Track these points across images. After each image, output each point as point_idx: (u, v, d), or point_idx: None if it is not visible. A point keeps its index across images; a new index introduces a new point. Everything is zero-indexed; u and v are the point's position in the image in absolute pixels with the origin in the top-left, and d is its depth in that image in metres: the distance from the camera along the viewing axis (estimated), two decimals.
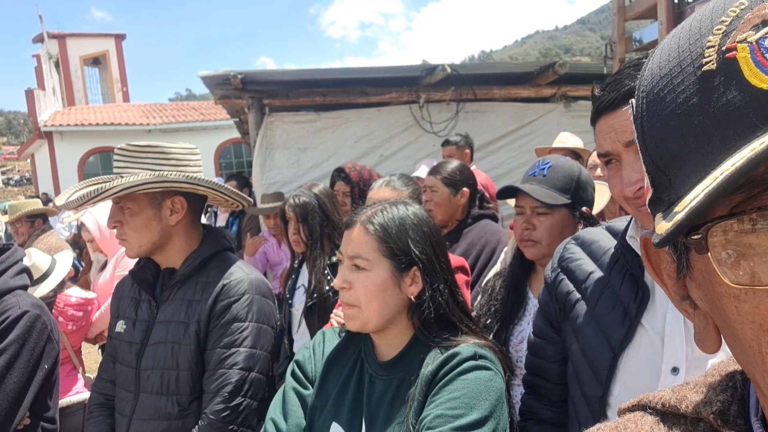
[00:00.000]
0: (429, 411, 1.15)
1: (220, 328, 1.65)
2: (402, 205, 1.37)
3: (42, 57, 20.85)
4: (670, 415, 0.52)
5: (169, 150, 1.75)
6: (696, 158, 0.40)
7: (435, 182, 2.60)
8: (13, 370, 1.78)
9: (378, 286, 1.27)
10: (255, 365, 1.65)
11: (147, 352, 1.71)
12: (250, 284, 1.71)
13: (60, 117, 18.16)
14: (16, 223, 4.84)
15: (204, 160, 7.26)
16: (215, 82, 5.16)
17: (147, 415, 1.68)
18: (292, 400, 1.34)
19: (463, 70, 5.44)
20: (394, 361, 1.30)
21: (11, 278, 1.91)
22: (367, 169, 3.22)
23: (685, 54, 0.42)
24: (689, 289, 0.47)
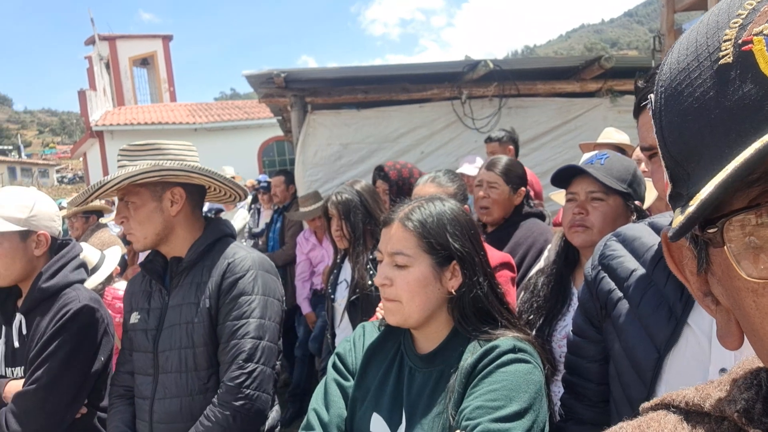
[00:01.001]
0: (468, 402, 1.16)
1: (229, 303, 1.75)
2: (438, 201, 1.39)
3: (93, 59, 21.52)
4: (693, 413, 0.51)
5: (166, 146, 1.86)
6: (713, 152, 0.40)
7: (496, 178, 2.55)
8: (72, 361, 1.87)
9: (419, 281, 1.29)
10: (265, 334, 1.75)
11: (163, 336, 1.81)
12: (253, 261, 1.82)
13: (110, 117, 18.72)
14: (72, 219, 5.03)
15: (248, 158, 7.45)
16: (259, 81, 5.24)
17: (169, 393, 1.78)
18: (334, 392, 1.38)
19: (506, 65, 5.38)
20: (433, 354, 1.32)
21: (71, 272, 2.00)
22: (408, 167, 3.22)
23: (702, 48, 0.42)
24: (711, 285, 0.47)
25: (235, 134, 17.72)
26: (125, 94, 23.62)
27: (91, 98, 18.84)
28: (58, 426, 1.84)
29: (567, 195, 1.81)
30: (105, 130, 17.73)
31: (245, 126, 18.08)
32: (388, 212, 1.41)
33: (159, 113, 19.19)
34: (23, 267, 1.93)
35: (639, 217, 1.69)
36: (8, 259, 1.90)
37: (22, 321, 1.94)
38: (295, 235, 5.08)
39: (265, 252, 5.32)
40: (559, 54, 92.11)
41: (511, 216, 2.60)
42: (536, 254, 2.41)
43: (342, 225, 2.64)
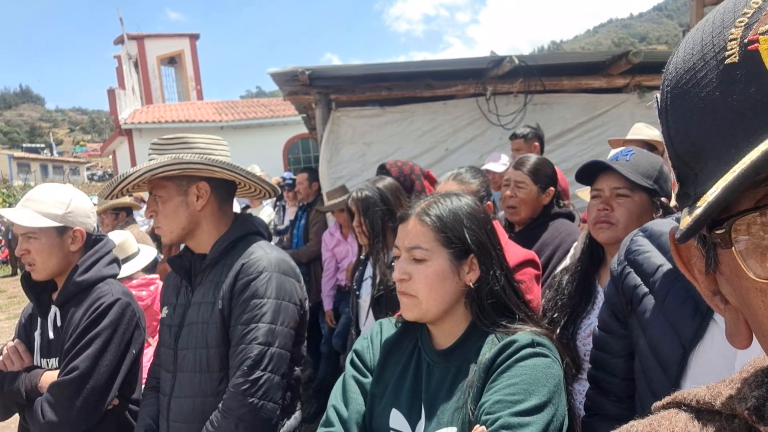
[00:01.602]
0: (488, 397, 1.17)
1: (241, 305, 1.70)
2: (454, 196, 1.40)
3: (122, 58, 21.86)
4: (704, 411, 0.51)
5: (194, 140, 1.85)
6: (720, 152, 0.40)
7: (523, 178, 2.52)
8: (106, 353, 1.92)
9: (438, 275, 1.30)
10: (275, 340, 1.69)
11: (183, 333, 1.80)
12: (269, 262, 1.75)
13: (139, 115, 19.02)
14: (103, 215, 5.14)
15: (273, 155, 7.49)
16: (283, 78, 5.28)
17: (184, 393, 1.77)
18: (353, 388, 1.39)
19: (531, 61, 5.34)
20: (451, 349, 1.33)
21: (104, 267, 2.06)
22: (409, 164, 3.23)
23: (708, 47, 0.42)
24: (719, 284, 0.47)
25: (261, 132, 17.88)
26: (153, 93, 23.96)
27: (120, 97, 19.15)
28: (92, 416, 1.89)
29: (592, 192, 1.79)
30: (134, 128, 18.01)
31: (270, 124, 18.23)
32: (403, 208, 1.43)
33: (186, 111, 19.45)
34: (59, 262, 1.99)
35: (665, 213, 1.67)
36: (45, 254, 1.96)
37: (57, 313, 2.00)
38: (319, 232, 5.12)
39: (289, 249, 5.37)
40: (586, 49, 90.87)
41: (539, 216, 2.56)
42: (563, 255, 2.38)
43: (361, 221, 2.65)
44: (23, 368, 1.99)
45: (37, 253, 1.95)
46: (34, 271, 1.99)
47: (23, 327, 2.12)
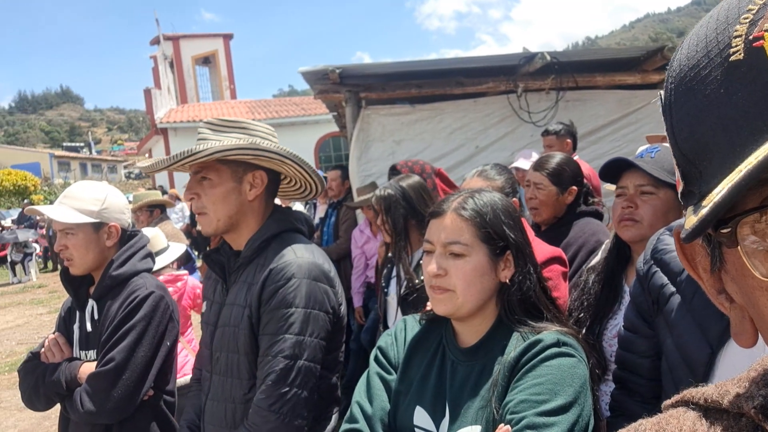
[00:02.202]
0: (513, 396, 1.16)
1: (269, 314, 1.61)
2: (486, 192, 1.39)
3: (158, 58, 22.31)
4: (712, 410, 0.50)
5: (254, 126, 1.76)
6: (725, 150, 0.39)
7: (541, 179, 2.49)
8: (140, 345, 1.96)
9: (476, 270, 1.29)
10: (303, 353, 1.58)
11: (217, 334, 1.74)
12: (299, 268, 1.62)
13: (174, 114, 19.40)
14: (138, 212, 5.27)
15: (304, 153, 7.56)
16: (314, 77, 5.33)
17: (217, 396, 1.71)
18: (377, 385, 1.39)
19: (564, 57, 5.27)
20: (475, 347, 1.32)
21: (139, 261, 2.11)
22: (420, 163, 3.23)
23: (712, 44, 0.41)
24: (725, 283, 0.46)
25: (293, 130, 18.06)
26: (188, 92, 24.38)
27: (156, 96, 19.55)
28: (128, 405, 1.94)
29: (617, 189, 1.77)
30: (169, 127, 18.38)
31: (302, 122, 18.41)
32: (435, 205, 1.41)
33: (220, 110, 19.75)
34: (96, 256, 2.05)
35: None
36: (82, 249, 2.02)
37: (94, 307, 2.07)
38: (349, 230, 5.15)
39: (319, 246, 5.41)
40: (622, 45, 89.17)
41: (564, 215, 2.53)
42: (587, 255, 2.34)
43: (384, 220, 2.65)
44: (63, 360, 2.05)
45: (75, 248, 2.02)
46: (72, 266, 2.05)
47: (63, 320, 2.19)
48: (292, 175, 1.82)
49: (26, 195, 28.81)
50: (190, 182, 1.72)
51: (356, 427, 1.35)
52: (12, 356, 7.68)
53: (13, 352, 7.89)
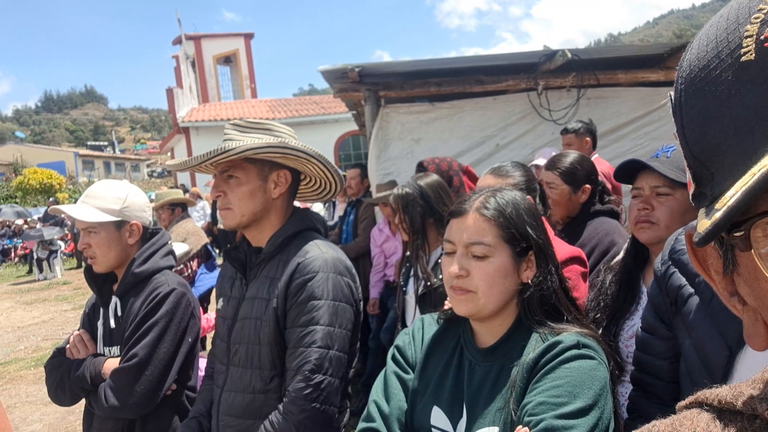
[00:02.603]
0: (531, 398, 1.14)
1: (297, 307, 1.66)
2: (506, 190, 1.37)
3: (180, 58, 22.53)
4: (726, 412, 0.50)
5: (277, 128, 1.82)
6: (737, 152, 0.39)
7: (553, 178, 2.47)
8: (163, 341, 1.99)
9: (500, 271, 1.27)
10: (334, 343, 1.64)
11: (236, 327, 1.78)
12: (324, 262, 1.69)
13: (196, 113, 19.60)
14: (159, 210, 5.34)
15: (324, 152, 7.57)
16: (333, 76, 5.33)
17: (235, 387, 1.75)
18: (394, 384, 1.38)
19: (585, 54, 5.22)
20: (493, 347, 1.31)
21: (160, 259, 2.14)
22: (447, 160, 3.20)
23: (723, 44, 0.41)
24: (737, 285, 0.46)
25: (312, 129, 18.15)
26: (209, 92, 24.60)
27: (178, 96, 19.76)
28: (151, 400, 1.97)
29: (632, 191, 1.74)
30: (191, 126, 18.57)
31: (322, 121, 18.48)
32: (455, 203, 1.39)
33: (240, 109, 19.91)
34: (118, 254, 2.09)
35: None
36: (105, 247, 2.06)
37: (117, 303, 2.10)
38: (368, 228, 5.16)
39: (338, 244, 5.44)
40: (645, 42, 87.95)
41: (578, 215, 2.51)
42: (600, 255, 2.31)
43: (402, 218, 2.65)
44: (88, 356, 2.09)
45: (98, 246, 2.05)
46: (95, 264, 2.09)
47: (87, 317, 2.23)
48: (314, 174, 1.86)
49: (51, 193, 29.34)
50: (217, 180, 1.78)
51: (373, 426, 1.34)
52: (37, 351, 7.83)
53: (39, 348, 8.04)
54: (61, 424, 5.28)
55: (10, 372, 7.12)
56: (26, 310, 11.12)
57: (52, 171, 33.31)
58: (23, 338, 8.84)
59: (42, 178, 31.34)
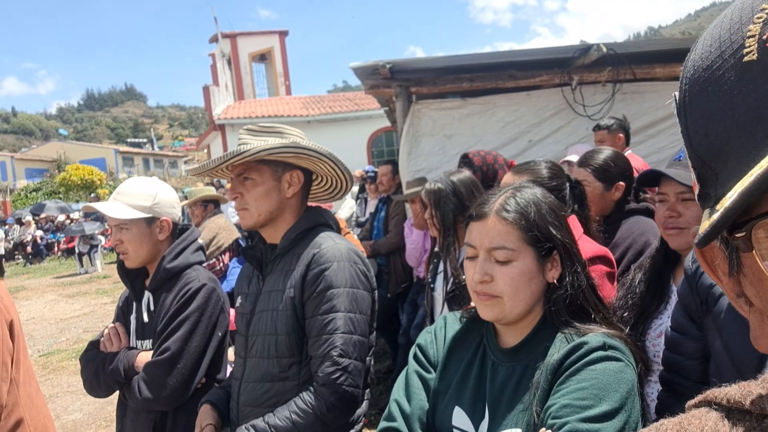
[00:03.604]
0: (555, 400, 1.11)
1: (317, 297, 1.73)
2: (527, 188, 1.33)
3: (216, 55, 22.85)
4: (735, 411, 0.49)
5: (287, 131, 1.90)
6: (740, 152, 0.38)
7: (585, 175, 2.42)
8: (194, 335, 2.03)
9: (524, 275, 1.24)
10: (356, 328, 1.73)
11: (253, 321, 1.86)
12: (339, 252, 1.78)
13: (231, 111, 19.86)
14: (193, 207, 5.44)
15: (357, 148, 7.65)
16: (365, 72, 5.33)
17: (253, 377, 1.82)
18: (415, 383, 1.36)
19: (621, 48, 5.10)
20: (517, 348, 1.28)
21: (191, 254, 2.18)
22: (493, 154, 3.18)
23: (726, 44, 0.40)
24: (743, 286, 0.45)
25: (346, 125, 18.21)
26: (245, 89, 24.87)
27: (214, 93, 20.04)
28: (183, 393, 2.01)
29: (657, 195, 1.72)
30: (226, 123, 18.82)
31: (355, 117, 18.52)
32: (475, 205, 1.35)
33: (275, 106, 20.10)
34: (149, 250, 2.14)
35: None
36: (136, 243, 2.11)
37: (149, 298, 2.15)
38: (399, 224, 5.16)
39: (369, 240, 5.45)
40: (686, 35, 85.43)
41: (611, 213, 2.45)
42: (635, 256, 2.25)
43: (433, 214, 2.64)
44: (121, 349, 2.14)
45: (129, 242, 2.10)
46: (127, 260, 2.15)
47: (121, 310, 2.29)
48: (326, 173, 1.94)
49: (93, 189, 30.14)
50: (234, 183, 1.87)
51: (394, 425, 1.32)
52: (78, 343, 8.07)
53: (80, 339, 8.28)
54: (100, 414, 5.43)
55: (52, 363, 7.36)
56: (68, 302, 11.47)
57: (94, 167, 34.20)
58: (65, 330, 9.12)
59: (84, 175, 32.21)
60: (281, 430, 1.66)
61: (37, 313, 10.63)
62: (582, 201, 2.12)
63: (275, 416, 1.69)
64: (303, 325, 1.77)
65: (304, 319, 1.77)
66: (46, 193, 32.51)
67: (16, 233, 20.32)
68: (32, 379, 2.41)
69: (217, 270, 4.94)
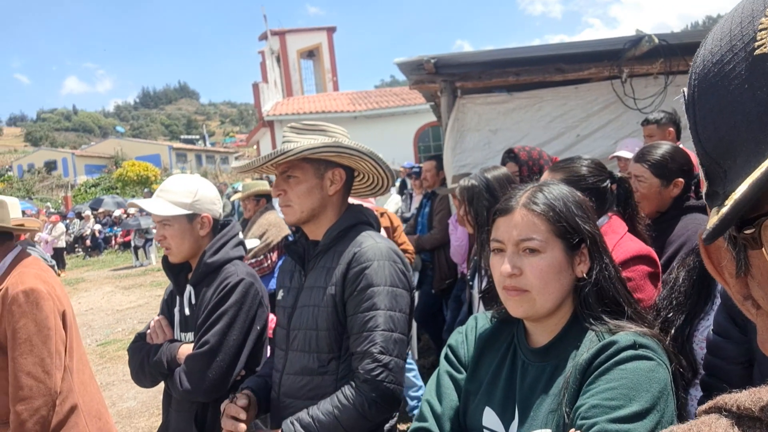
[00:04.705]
0: (584, 400, 1.09)
1: (358, 295, 1.76)
2: (553, 185, 1.33)
3: (266, 53, 23.20)
4: (745, 418, 0.47)
5: (330, 128, 1.93)
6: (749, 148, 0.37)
7: (642, 171, 2.35)
8: (232, 329, 2.07)
9: (553, 267, 1.23)
10: (396, 326, 1.74)
11: (295, 315, 1.89)
12: (379, 251, 1.80)
13: (280, 107, 20.14)
14: (245, 201, 5.55)
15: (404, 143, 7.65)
16: (410, 68, 5.31)
17: (293, 370, 1.86)
18: (447, 384, 1.37)
19: (674, 39, 4.92)
20: (547, 347, 1.26)
21: (231, 249, 2.23)
22: (538, 150, 3.12)
23: (736, 38, 0.39)
24: (751, 288, 0.43)
25: (392, 121, 18.22)
26: (293, 86, 25.17)
27: (264, 90, 20.37)
28: (222, 385, 2.06)
29: None
30: (275, 119, 19.10)
31: (402, 112, 18.50)
32: (501, 201, 1.35)
33: (322, 102, 20.27)
34: (191, 245, 2.19)
35: None
36: (178, 239, 2.17)
37: (191, 292, 2.21)
38: (443, 220, 5.13)
39: (413, 235, 5.43)
40: None
41: (668, 210, 2.36)
42: (687, 255, 2.17)
43: (467, 211, 2.61)
44: (165, 341, 2.21)
45: (172, 238, 2.16)
46: (170, 255, 2.21)
47: (166, 303, 2.36)
48: (367, 170, 1.96)
49: (148, 184, 31.17)
50: (277, 180, 1.91)
51: (425, 426, 1.33)
52: (133, 334, 8.29)
53: (135, 330, 8.58)
54: (152, 402, 5.61)
55: (109, 352, 7.66)
56: (124, 294, 11.91)
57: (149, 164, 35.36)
58: (121, 321, 9.47)
59: (139, 171, 33.35)
60: (324, 423, 1.68)
61: (95, 304, 11.08)
62: (627, 198, 2.06)
63: (318, 409, 1.72)
64: (343, 322, 1.79)
65: (345, 316, 1.79)
66: (104, 189, 33.82)
67: (76, 227, 21.23)
68: (86, 366, 2.52)
69: (265, 267, 5.01)
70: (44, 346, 2.14)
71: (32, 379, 2.10)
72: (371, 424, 1.73)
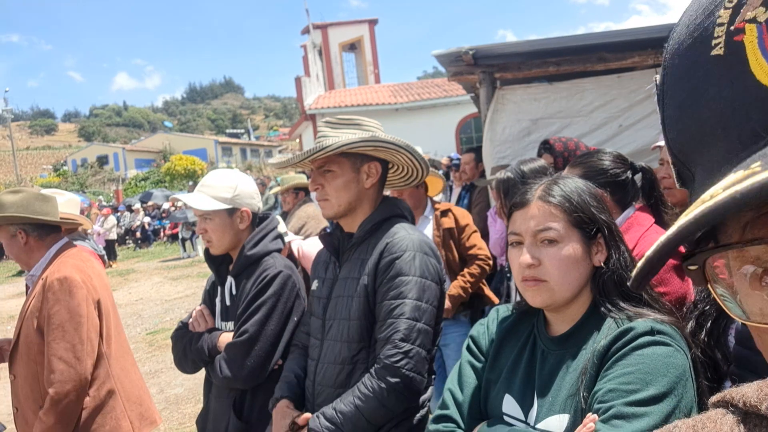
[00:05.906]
0: (601, 385, 1.12)
1: (387, 283, 1.78)
2: (568, 178, 1.36)
3: (308, 47, 23.38)
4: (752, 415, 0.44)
5: (365, 122, 1.95)
6: (705, 162, 0.34)
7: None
8: (270, 320, 2.14)
9: (571, 258, 1.25)
10: (422, 316, 1.74)
11: (330, 305, 1.92)
12: (411, 242, 1.82)
13: (322, 100, 20.30)
14: (285, 194, 5.65)
15: (446, 135, 7.64)
16: (448, 60, 5.28)
17: (329, 359, 1.89)
18: (468, 373, 1.41)
19: None
20: (566, 336, 1.29)
21: (270, 242, 2.29)
22: (574, 141, 3.07)
23: (699, 29, 0.35)
24: None
25: (434, 112, 18.14)
26: (335, 79, 25.31)
27: (306, 84, 20.55)
28: (260, 373, 2.13)
29: None
30: (317, 113, 19.27)
31: (443, 104, 18.39)
32: (517, 195, 1.37)
33: (364, 95, 20.34)
34: (231, 238, 2.26)
35: None
36: (219, 233, 2.24)
37: (232, 283, 2.28)
38: (482, 212, 5.11)
39: None
40: None
41: None
42: None
43: (503, 203, 2.61)
44: (206, 330, 2.29)
45: (213, 231, 2.24)
46: (211, 247, 2.29)
47: (207, 294, 2.45)
48: (403, 163, 1.97)
49: (194, 178, 31.90)
50: (314, 175, 1.94)
51: (447, 413, 1.38)
52: None
53: None
54: (199, 389, 5.77)
55: (158, 341, 7.92)
56: (172, 285, 12.27)
57: (195, 158, 36.17)
58: (169, 310, 9.77)
59: (186, 164, 34.15)
60: (347, 415, 1.72)
61: (145, 294, 11.46)
62: (651, 189, 2.03)
63: (341, 402, 1.75)
64: (374, 311, 1.83)
65: (375, 305, 1.82)
66: (153, 182, 34.80)
67: (126, 220, 21.94)
68: (126, 353, 2.64)
69: None
70: (76, 333, 2.26)
71: (64, 364, 2.22)
72: (391, 413, 1.74)
